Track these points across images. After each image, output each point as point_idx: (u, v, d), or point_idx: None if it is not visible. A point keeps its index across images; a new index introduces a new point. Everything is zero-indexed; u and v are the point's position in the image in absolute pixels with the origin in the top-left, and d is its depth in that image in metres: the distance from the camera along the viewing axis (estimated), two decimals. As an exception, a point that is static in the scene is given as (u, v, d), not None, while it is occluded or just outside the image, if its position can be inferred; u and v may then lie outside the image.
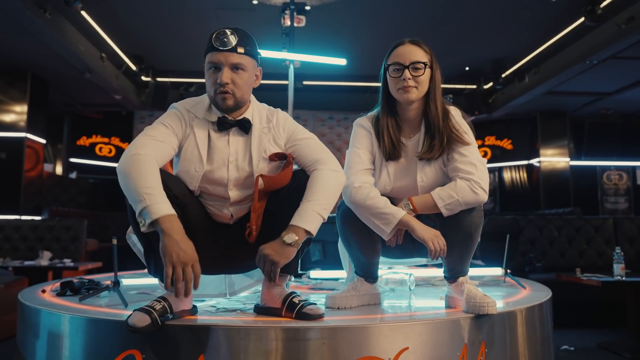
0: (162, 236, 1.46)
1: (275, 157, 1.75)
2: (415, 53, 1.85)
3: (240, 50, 1.70)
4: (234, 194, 1.76)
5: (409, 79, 1.83)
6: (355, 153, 1.92)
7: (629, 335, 3.55)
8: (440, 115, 1.86)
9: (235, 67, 1.70)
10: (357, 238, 1.87)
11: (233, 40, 1.68)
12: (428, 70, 1.86)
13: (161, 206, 1.49)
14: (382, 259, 2.06)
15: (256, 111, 1.82)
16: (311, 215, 1.60)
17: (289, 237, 1.57)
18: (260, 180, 1.67)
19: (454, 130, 1.85)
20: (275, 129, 1.80)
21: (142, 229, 1.50)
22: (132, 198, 1.52)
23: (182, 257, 1.44)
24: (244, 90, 1.74)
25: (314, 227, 1.60)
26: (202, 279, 1.96)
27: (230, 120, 1.75)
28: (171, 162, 1.84)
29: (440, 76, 1.90)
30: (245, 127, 1.76)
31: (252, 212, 1.66)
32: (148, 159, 1.58)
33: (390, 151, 1.90)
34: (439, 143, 1.84)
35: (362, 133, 1.96)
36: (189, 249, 1.47)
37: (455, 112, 1.91)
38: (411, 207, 1.80)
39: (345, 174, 1.86)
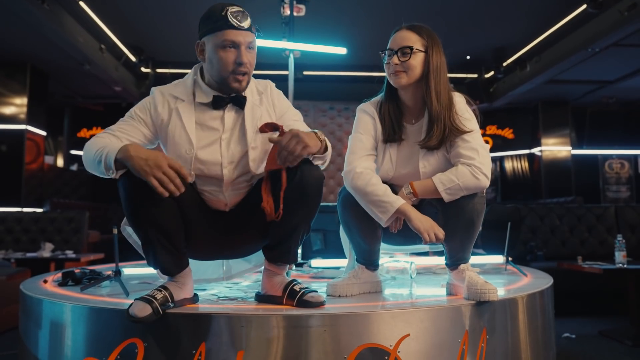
0: (127, 164, 1.47)
1: (266, 127, 1.67)
2: (407, 38, 1.84)
3: (254, 29, 1.69)
4: (228, 171, 1.72)
5: (396, 64, 1.83)
6: (357, 138, 1.91)
7: (630, 322, 3.56)
8: (440, 102, 1.83)
9: (249, 46, 1.68)
10: (357, 223, 1.86)
11: (248, 18, 1.67)
12: (421, 55, 1.83)
13: (115, 145, 1.51)
14: (384, 245, 2.06)
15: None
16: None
17: (321, 133, 1.63)
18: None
19: (456, 118, 1.83)
20: (269, 102, 1.81)
21: (116, 176, 1.51)
22: (94, 163, 1.54)
23: (151, 164, 1.43)
24: (253, 69, 1.73)
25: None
26: (199, 264, 1.97)
27: (225, 98, 1.73)
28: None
29: (440, 62, 1.85)
30: (240, 102, 1.74)
31: (263, 194, 1.63)
32: (103, 136, 1.61)
33: (390, 133, 1.89)
34: (439, 131, 1.81)
35: (365, 118, 1.94)
36: (153, 155, 1.45)
37: (459, 99, 1.88)
38: (411, 191, 1.79)
39: (348, 159, 1.87)
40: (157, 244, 1.58)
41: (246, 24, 1.65)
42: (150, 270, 2.47)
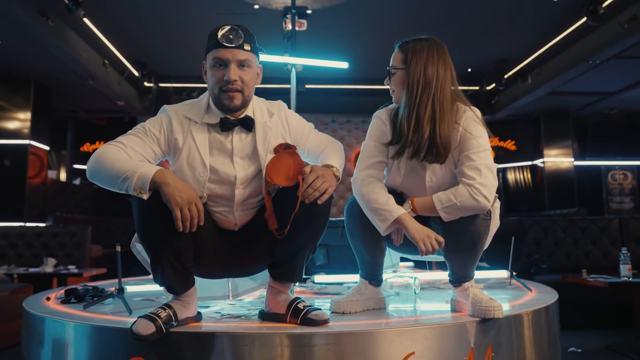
0: (162, 188, 1.51)
1: (280, 148, 1.72)
2: (392, 58, 1.89)
3: (247, 47, 1.68)
4: (239, 192, 1.73)
5: (387, 84, 1.91)
6: (368, 145, 1.92)
7: (636, 336, 3.53)
8: (425, 119, 1.76)
9: (241, 64, 1.68)
10: (362, 232, 1.86)
11: (240, 36, 1.67)
12: (401, 72, 1.83)
13: (148, 167, 1.55)
14: (393, 252, 2.06)
15: (257, 106, 1.81)
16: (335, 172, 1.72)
17: (337, 170, 1.71)
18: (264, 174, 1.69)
19: (450, 134, 1.78)
20: (283, 124, 1.82)
21: (145, 197, 1.51)
22: (113, 179, 1.55)
23: (185, 198, 1.50)
24: (250, 87, 1.73)
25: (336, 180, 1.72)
26: (205, 282, 1.97)
27: (232, 120, 1.73)
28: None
29: (421, 76, 1.77)
30: (248, 125, 1.74)
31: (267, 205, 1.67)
32: (117, 151, 1.62)
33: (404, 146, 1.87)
34: (436, 150, 1.78)
35: (377, 125, 1.94)
36: (188, 190, 1.53)
37: (470, 114, 1.82)
38: (411, 207, 1.79)
39: (357, 166, 1.90)
40: (166, 263, 1.58)
41: (236, 41, 1.66)
42: (153, 288, 2.48)
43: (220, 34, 1.66)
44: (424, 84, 1.77)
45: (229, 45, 1.66)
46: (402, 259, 2.87)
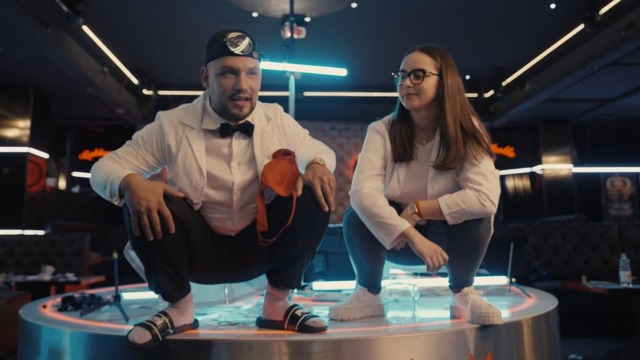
0: (125, 193, 1.50)
1: (279, 153, 1.71)
2: (420, 60, 1.82)
3: (255, 54, 1.67)
4: (237, 198, 1.71)
5: (409, 86, 1.81)
6: (366, 158, 1.90)
7: (636, 343, 3.51)
8: (459, 125, 1.79)
9: (250, 72, 1.66)
10: (362, 243, 1.85)
11: (249, 44, 1.65)
12: (433, 78, 1.81)
13: (120, 172, 1.55)
14: (389, 264, 2.04)
15: (255, 111, 1.78)
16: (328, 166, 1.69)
17: (320, 159, 1.67)
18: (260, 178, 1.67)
19: (473, 145, 1.79)
20: (279, 128, 1.80)
21: (117, 203, 1.52)
22: (100, 187, 1.58)
23: (143, 203, 1.46)
24: (257, 94, 1.71)
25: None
26: (202, 288, 1.95)
27: (233, 126, 1.71)
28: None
29: (455, 84, 1.82)
30: (248, 130, 1.72)
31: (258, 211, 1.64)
32: (108, 160, 1.64)
33: (401, 153, 1.87)
34: (455, 154, 1.78)
35: (375, 137, 1.93)
36: (150, 195, 1.47)
37: (477, 122, 1.85)
38: (416, 211, 1.78)
39: (356, 178, 1.87)
40: (159, 271, 1.57)
41: (246, 49, 1.63)
42: (150, 295, 2.46)
43: (230, 42, 1.62)
44: (458, 91, 1.83)
45: (240, 53, 1.62)
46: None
